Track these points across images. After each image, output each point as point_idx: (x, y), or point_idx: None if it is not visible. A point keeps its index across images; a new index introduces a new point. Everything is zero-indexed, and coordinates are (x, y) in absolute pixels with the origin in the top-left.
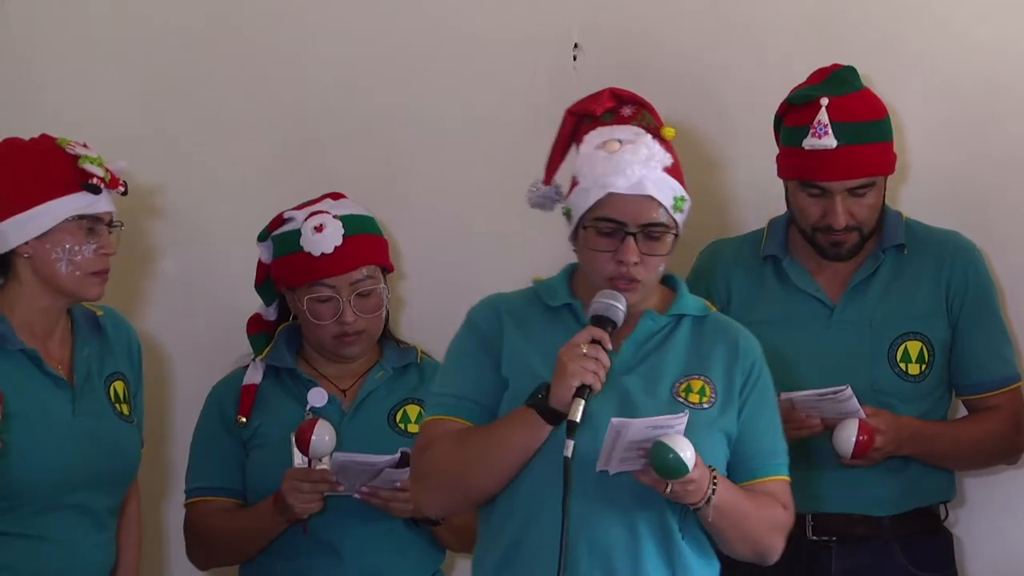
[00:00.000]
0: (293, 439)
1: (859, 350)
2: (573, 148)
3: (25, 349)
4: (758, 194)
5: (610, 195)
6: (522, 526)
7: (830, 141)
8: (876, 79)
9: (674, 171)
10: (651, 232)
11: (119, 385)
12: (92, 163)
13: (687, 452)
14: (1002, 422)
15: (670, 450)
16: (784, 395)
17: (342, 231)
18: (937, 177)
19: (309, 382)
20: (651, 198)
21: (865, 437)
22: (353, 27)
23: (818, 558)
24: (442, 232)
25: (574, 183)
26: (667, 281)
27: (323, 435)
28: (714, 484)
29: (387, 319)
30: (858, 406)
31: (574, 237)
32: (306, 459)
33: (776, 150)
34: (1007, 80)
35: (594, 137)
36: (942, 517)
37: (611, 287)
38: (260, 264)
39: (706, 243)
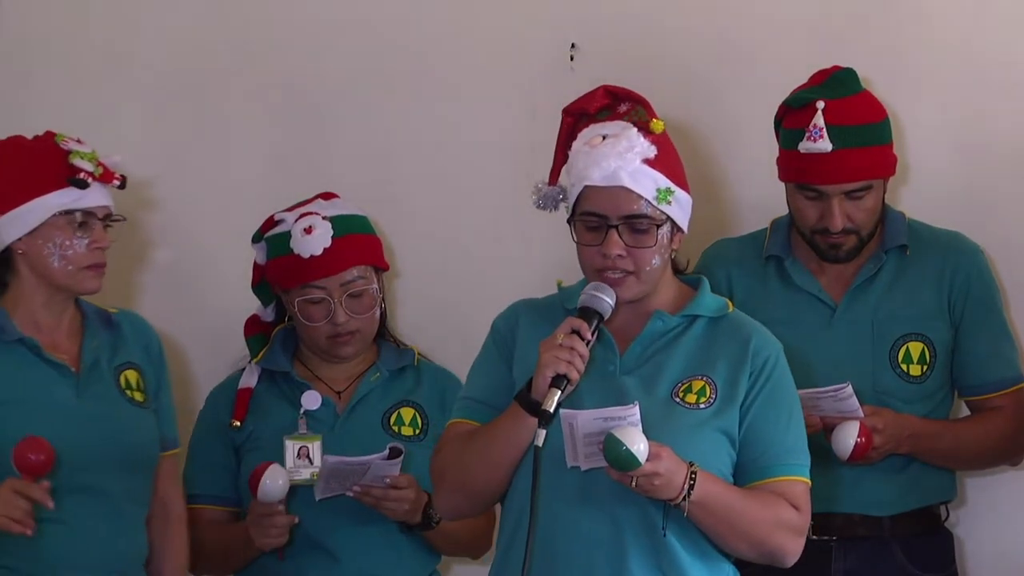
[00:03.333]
0: (286, 443)
1: (861, 351)
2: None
3: (23, 339)
4: (758, 194)
5: (587, 188)
6: (514, 528)
7: (825, 144)
8: (877, 80)
9: (659, 163)
10: (635, 224)
11: (131, 374)
12: (83, 158)
13: (639, 444)
14: (1004, 422)
15: (620, 443)
16: None
17: (331, 232)
18: (939, 178)
19: (303, 385)
20: (627, 189)
21: (863, 439)
22: (350, 27)
23: (818, 558)
24: (439, 231)
25: (568, 181)
26: (691, 281)
27: (276, 480)
28: (692, 480)
29: (384, 319)
30: (858, 404)
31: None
32: (298, 463)
33: (776, 151)
34: (1009, 80)
35: (584, 134)
36: (943, 517)
37: (600, 280)
38: (255, 266)
39: (706, 242)
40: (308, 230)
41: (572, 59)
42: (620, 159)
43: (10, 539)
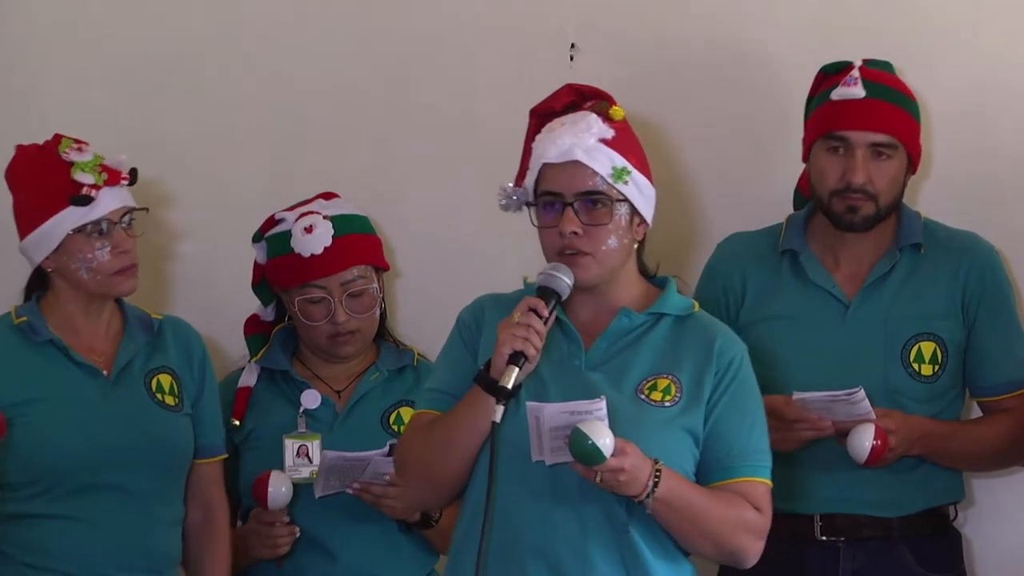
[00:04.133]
0: (285, 442)
1: (872, 349)
2: None
3: (53, 339)
4: (757, 193)
5: (545, 166)
6: (472, 516)
7: (859, 91)
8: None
9: (616, 144)
10: (591, 199)
11: (164, 378)
12: (83, 170)
13: (604, 439)
14: (1016, 424)
15: (586, 436)
16: (796, 395)
17: (331, 232)
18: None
19: (303, 384)
20: (582, 165)
21: (879, 442)
22: (350, 27)
23: (826, 558)
24: (439, 231)
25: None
26: (658, 281)
27: (279, 487)
28: (656, 477)
29: (384, 318)
30: (870, 408)
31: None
32: (297, 461)
33: (778, 152)
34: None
35: (546, 127)
36: (951, 517)
37: (560, 262)
38: (256, 265)
39: (701, 241)
40: (309, 229)
41: (572, 59)
42: (576, 137)
43: (39, 538)
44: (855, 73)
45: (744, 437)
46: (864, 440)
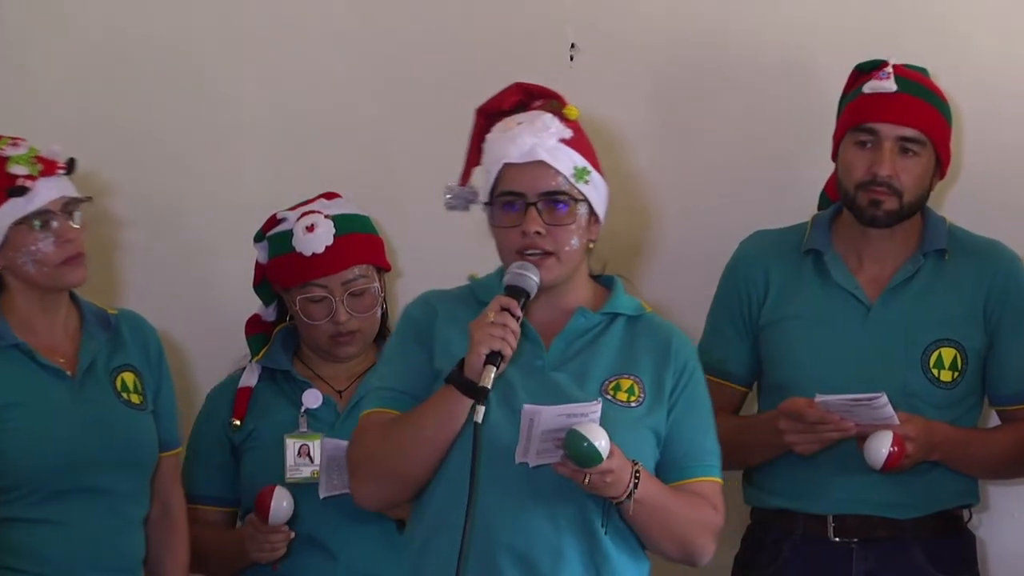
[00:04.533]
0: (286, 441)
1: (892, 352)
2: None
3: (18, 344)
4: (757, 194)
5: (506, 166)
6: (440, 513)
7: (890, 84)
8: None
9: (575, 144)
10: (554, 199)
11: (128, 376)
12: (17, 163)
13: (601, 440)
14: None
15: (583, 438)
16: (819, 397)
17: (333, 231)
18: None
19: (304, 383)
20: (545, 165)
21: (896, 449)
22: (350, 27)
23: (839, 559)
24: (438, 231)
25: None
26: (604, 281)
27: (281, 502)
28: (636, 478)
29: (385, 318)
30: (892, 413)
31: (489, 224)
32: (298, 461)
33: (779, 151)
34: None
35: (498, 126)
36: (965, 519)
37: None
38: (257, 265)
39: (697, 243)
40: (310, 228)
41: (572, 59)
42: (537, 136)
43: (13, 541)
44: (888, 69)
45: (700, 437)
46: (881, 446)
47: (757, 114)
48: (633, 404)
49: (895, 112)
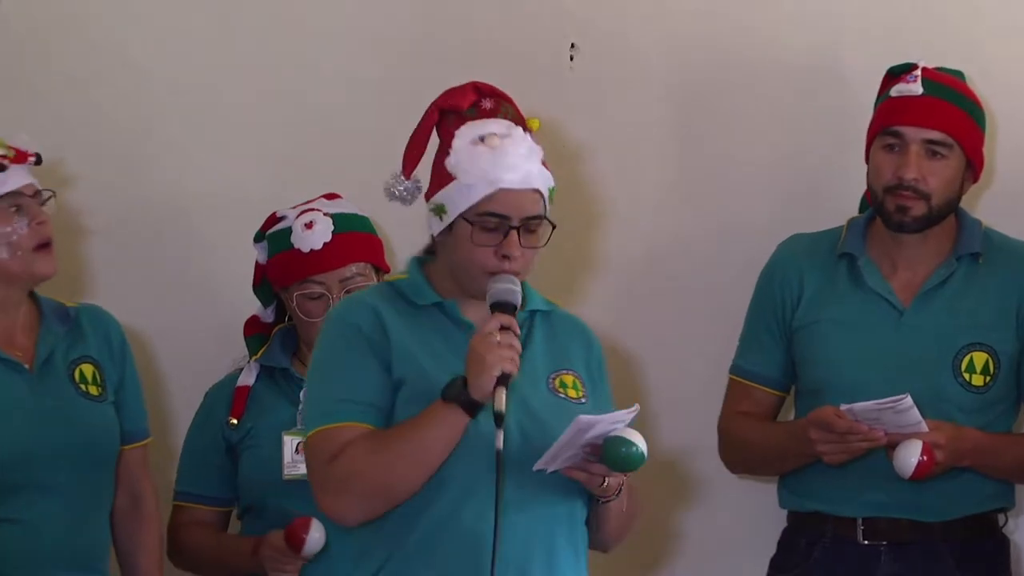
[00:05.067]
0: (284, 438)
1: (924, 356)
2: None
3: None
4: (756, 195)
5: (500, 191)
6: (436, 525)
7: (916, 87)
8: None
9: (545, 163)
10: (530, 225)
11: (87, 368)
12: None
13: (643, 444)
14: None
15: (631, 443)
16: (844, 407)
17: (332, 228)
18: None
19: (303, 381)
20: (536, 191)
21: (926, 458)
22: (350, 28)
23: (867, 562)
24: None
25: (447, 178)
26: None
27: (315, 534)
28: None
29: None
30: (919, 417)
31: (446, 232)
32: (296, 458)
33: (780, 152)
34: None
35: (467, 131)
36: (1000, 524)
37: (485, 279)
38: (257, 265)
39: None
40: (309, 225)
41: (572, 59)
42: (529, 162)
43: None
44: (916, 72)
45: None
46: (910, 456)
47: (758, 114)
48: (583, 400)
49: (920, 115)
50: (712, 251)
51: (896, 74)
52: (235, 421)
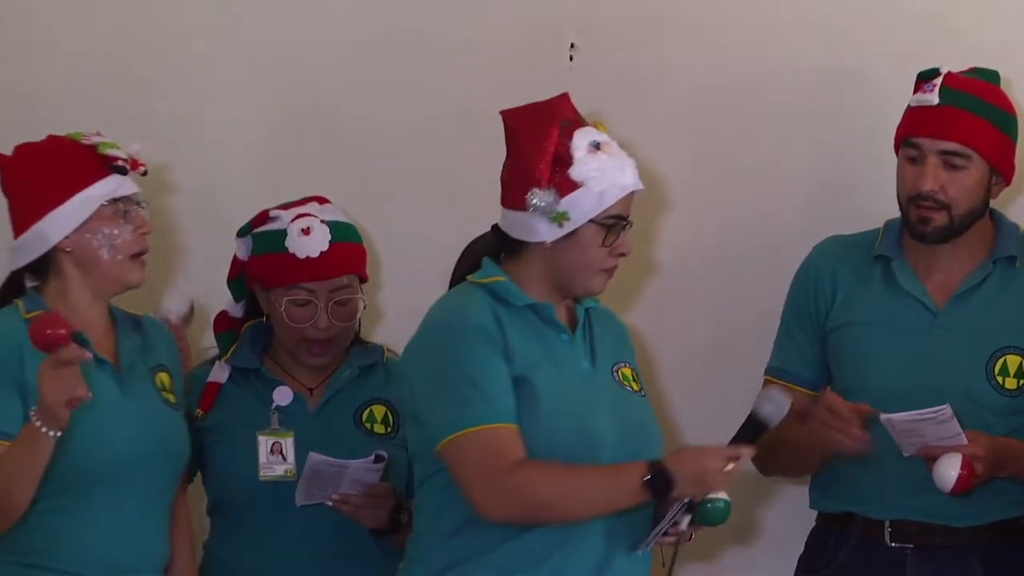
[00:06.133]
0: (259, 439)
1: (957, 359)
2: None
3: (75, 332)
4: (758, 195)
5: (632, 193)
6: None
7: (932, 97)
8: None
9: None
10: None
11: (164, 376)
12: (112, 148)
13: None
14: None
15: (717, 498)
16: (883, 416)
17: (329, 237)
18: None
19: (274, 381)
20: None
21: (965, 472)
22: (347, 26)
23: (894, 565)
24: (434, 233)
25: (572, 186)
26: None
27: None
28: None
29: (358, 329)
30: (959, 428)
31: (567, 238)
32: (271, 459)
33: (781, 153)
34: None
35: (580, 141)
36: None
37: (603, 279)
38: (236, 259)
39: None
40: (306, 231)
41: (572, 59)
42: (633, 166)
43: (51, 538)
44: (935, 80)
45: None
46: (950, 469)
47: (760, 115)
48: (642, 393)
49: (935, 126)
50: (712, 251)
51: (923, 79)
52: (202, 412)
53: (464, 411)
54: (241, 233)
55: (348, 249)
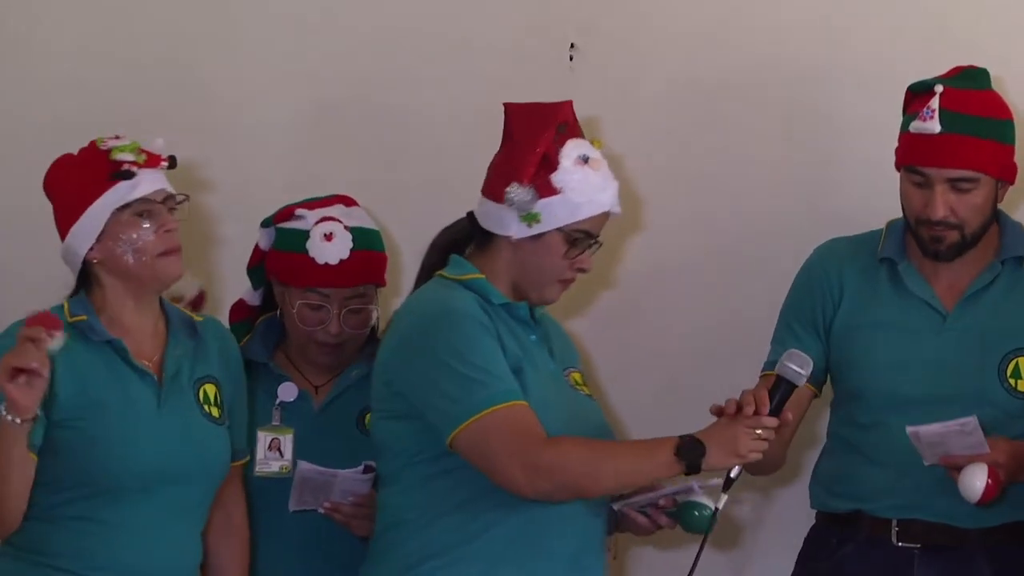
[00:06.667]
0: (258, 434)
1: (968, 361)
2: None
3: (112, 340)
4: (758, 196)
5: (604, 213)
6: (530, 540)
7: (934, 126)
8: None
9: None
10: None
11: (210, 388)
12: (123, 151)
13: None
14: None
15: (704, 506)
16: (909, 429)
17: (351, 245)
18: None
19: (282, 376)
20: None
21: (992, 482)
22: (352, 28)
23: (900, 564)
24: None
25: (550, 191)
26: None
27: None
28: None
29: (374, 331)
30: (983, 439)
31: (529, 239)
32: (269, 455)
33: (781, 154)
34: None
35: (571, 150)
36: None
37: (558, 289)
38: (257, 248)
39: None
40: (328, 237)
41: (572, 59)
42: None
43: (80, 544)
44: (933, 104)
45: None
46: (976, 480)
47: (761, 116)
48: (592, 396)
49: (942, 156)
50: (714, 253)
51: (917, 92)
52: None
53: (478, 394)
54: (265, 223)
55: (368, 258)
